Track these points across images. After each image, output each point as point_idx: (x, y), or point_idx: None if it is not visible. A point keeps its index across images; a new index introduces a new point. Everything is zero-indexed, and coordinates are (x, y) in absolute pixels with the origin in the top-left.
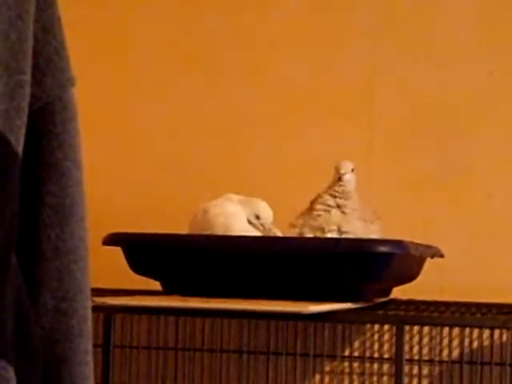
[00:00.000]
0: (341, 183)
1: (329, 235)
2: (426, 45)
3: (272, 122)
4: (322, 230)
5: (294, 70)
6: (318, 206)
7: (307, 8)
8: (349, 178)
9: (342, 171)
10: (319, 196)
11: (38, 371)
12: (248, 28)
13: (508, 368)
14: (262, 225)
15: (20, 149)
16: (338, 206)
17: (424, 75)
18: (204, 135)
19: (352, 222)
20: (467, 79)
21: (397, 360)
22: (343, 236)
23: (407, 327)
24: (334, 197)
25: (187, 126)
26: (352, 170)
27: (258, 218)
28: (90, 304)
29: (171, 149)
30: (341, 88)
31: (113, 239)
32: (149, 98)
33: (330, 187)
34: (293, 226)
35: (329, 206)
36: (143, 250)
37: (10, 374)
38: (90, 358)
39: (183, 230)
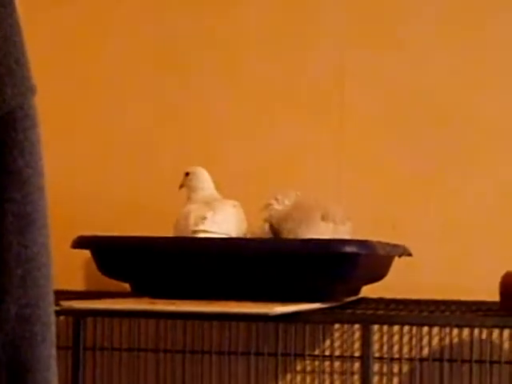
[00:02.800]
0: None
1: None
2: (397, 38)
3: (243, 120)
4: None
5: (263, 68)
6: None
7: (277, 6)
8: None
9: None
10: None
11: (2, 378)
12: (218, 27)
13: (475, 365)
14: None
15: None
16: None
17: (393, 75)
18: (177, 136)
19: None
20: (439, 75)
21: (363, 358)
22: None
23: (377, 326)
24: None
25: (159, 127)
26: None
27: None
28: (53, 310)
29: (143, 151)
30: (310, 86)
31: (82, 242)
32: (121, 99)
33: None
34: None
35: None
36: (112, 253)
37: None
38: (53, 363)
39: (153, 233)
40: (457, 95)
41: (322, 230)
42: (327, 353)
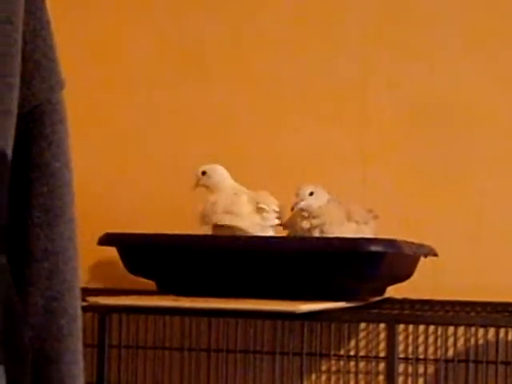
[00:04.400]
0: (300, 207)
1: None
2: (418, 44)
3: (264, 121)
4: None
5: (285, 70)
6: (298, 228)
7: (298, 8)
8: (305, 204)
9: (297, 199)
10: (294, 219)
11: (28, 370)
12: (239, 29)
13: (500, 366)
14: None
15: (9, 151)
16: (315, 226)
17: (416, 75)
18: (197, 134)
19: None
20: (459, 78)
21: (389, 358)
22: None
23: (402, 326)
24: (306, 217)
25: (181, 125)
26: (311, 194)
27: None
28: (79, 304)
29: (165, 148)
30: (333, 87)
31: (108, 239)
32: (142, 98)
33: (292, 209)
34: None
35: (306, 229)
36: (138, 250)
37: (0, 372)
38: (79, 357)
39: (178, 230)
40: (480, 96)
41: (346, 230)
42: (352, 353)
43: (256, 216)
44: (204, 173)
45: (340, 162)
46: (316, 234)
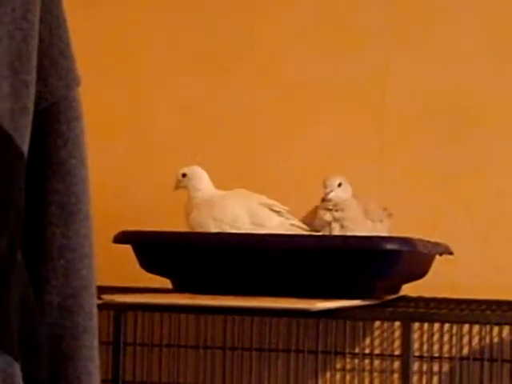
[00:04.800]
0: (330, 197)
1: None
2: (436, 44)
3: (283, 120)
4: None
5: (304, 68)
6: (317, 222)
7: (317, 7)
8: (334, 195)
9: (327, 190)
10: (316, 211)
11: (44, 367)
12: (258, 27)
13: None
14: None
15: (25, 148)
16: (337, 220)
17: (434, 74)
18: (215, 133)
19: (354, 232)
20: (477, 77)
21: (403, 356)
22: None
23: (417, 324)
24: (329, 209)
25: (198, 124)
26: (339, 185)
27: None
28: (95, 301)
29: (182, 147)
30: (351, 87)
31: (123, 237)
32: (160, 97)
33: (322, 200)
34: None
35: (327, 222)
36: (153, 248)
37: (16, 369)
38: (95, 355)
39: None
40: (499, 95)
41: (363, 227)
42: (367, 351)
43: (282, 222)
44: (184, 175)
45: (358, 160)
46: (336, 228)
